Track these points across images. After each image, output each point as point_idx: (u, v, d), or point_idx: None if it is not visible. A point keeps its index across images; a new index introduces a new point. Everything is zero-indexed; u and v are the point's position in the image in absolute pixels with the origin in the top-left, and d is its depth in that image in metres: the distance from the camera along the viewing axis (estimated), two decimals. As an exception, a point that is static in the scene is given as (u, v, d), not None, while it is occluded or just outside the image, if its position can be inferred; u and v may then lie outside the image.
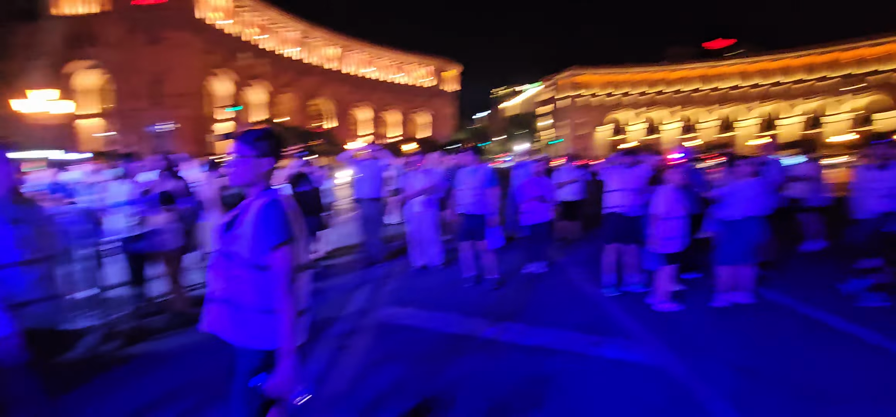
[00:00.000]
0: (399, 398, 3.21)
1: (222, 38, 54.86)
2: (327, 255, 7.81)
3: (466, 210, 5.74)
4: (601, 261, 5.74)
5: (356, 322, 4.70)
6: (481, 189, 5.57)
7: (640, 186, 5.45)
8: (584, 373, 3.53)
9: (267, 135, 1.90)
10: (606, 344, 4.03)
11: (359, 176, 6.80)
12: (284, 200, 1.84)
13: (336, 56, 74.53)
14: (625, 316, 4.73)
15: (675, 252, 4.83)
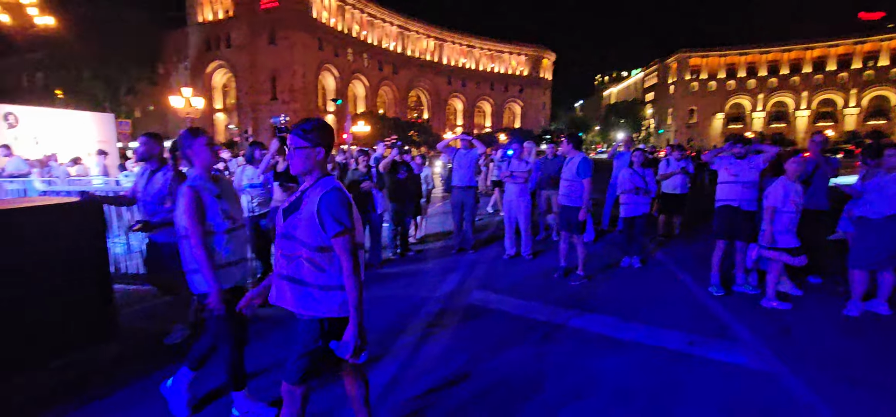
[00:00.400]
0: (483, 378, 3.35)
1: (331, 35, 58.91)
2: (422, 240, 8.22)
3: (564, 200, 5.68)
4: (711, 259, 5.33)
5: (447, 303, 4.93)
6: (577, 180, 5.47)
7: (754, 178, 4.98)
8: (676, 372, 3.38)
9: (318, 127, 2.03)
10: (705, 344, 3.80)
11: (453, 164, 7.02)
12: (342, 188, 2.01)
13: (433, 48, 76.33)
14: (730, 317, 4.39)
15: (789, 248, 4.38)
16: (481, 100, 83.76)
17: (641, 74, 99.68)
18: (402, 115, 66.58)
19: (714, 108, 78.82)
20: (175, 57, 56.75)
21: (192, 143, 2.51)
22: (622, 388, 3.16)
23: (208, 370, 2.97)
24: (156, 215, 3.59)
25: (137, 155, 3.81)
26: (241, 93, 56.05)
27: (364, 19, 65.23)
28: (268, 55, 54.17)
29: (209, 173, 2.61)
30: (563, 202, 5.72)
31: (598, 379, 3.28)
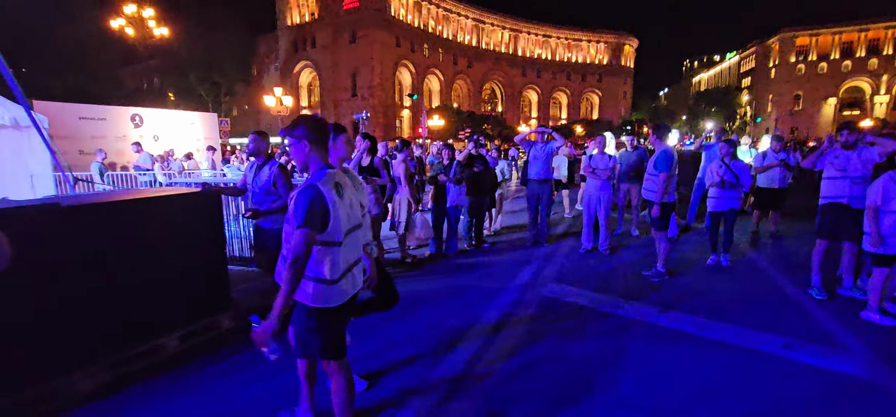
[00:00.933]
0: (559, 368, 3.40)
1: (407, 31, 60.41)
2: (497, 232, 8.33)
3: (645, 194, 5.51)
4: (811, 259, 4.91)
5: (521, 294, 5.01)
6: (656, 173, 5.29)
7: (865, 173, 4.51)
8: (768, 375, 3.21)
9: (302, 122, 2.17)
10: (804, 348, 3.55)
11: (529, 157, 7.04)
12: (316, 186, 2.08)
13: (508, 40, 75.50)
14: (834, 323, 4.05)
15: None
16: (557, 91, 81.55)
17: (736, 58, 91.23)
18: (476, 109, 66.76)
19: (824, 93, 70.32)
20: (266, 59, 61.38)
21: (335, 139, 2.71)
22: (708, 388, 3.07)
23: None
24: (262, 204, 4.06)
25: (248, 150, 4.31)
26: (324, 90, 59.39)
27: (439, 14, 66.09)
28: (348, 54, 56.82)
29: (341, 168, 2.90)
30: (644, 196, 5.56)
31: (680, 376, 3.21)
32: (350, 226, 2.28)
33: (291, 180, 4.26)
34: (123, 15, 23.24)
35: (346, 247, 2.25)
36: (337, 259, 2.20)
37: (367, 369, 3.34)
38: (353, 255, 2.35)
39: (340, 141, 2.67)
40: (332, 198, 2.12)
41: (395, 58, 58.79)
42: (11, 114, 9.36)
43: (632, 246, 7.17)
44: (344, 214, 2.19)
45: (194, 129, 15.98)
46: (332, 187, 2.14)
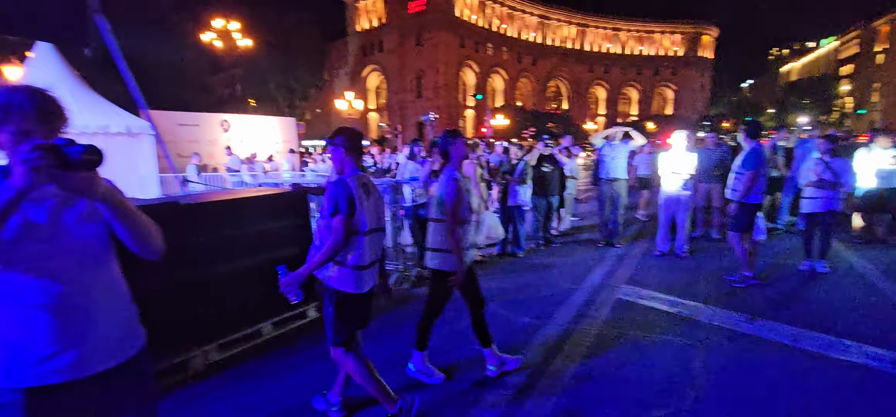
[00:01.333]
0: (637, 373, 3.33)
1: (471, 31, 60.65)
2: (565, 232, 8.21)
3: (729, 194, 5.20)
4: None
5: (593, 295, 4.93)
6: (742, 171, 4.98)
7: None
8: (880, 394, 2.94)
9: (337, 132, 2.62)
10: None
11: (603, 156, 6.87)
12: (345, 181, 2.48)
13: (574, 36, 73.49)
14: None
15: None
16: (627, 86, 78.14)
17: (834, 44, 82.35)
18: (540, 107, 65.65)
19: (947, 80, 61.70)
20: (337, 64, 64.24)
21: (453, 142, 3.05)
22: (808, 407, 2.87)
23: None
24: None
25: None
26: (390, 93, 61.16)
27: (504, 12, 65.69)
28: (414, 56, 58.09)
29: (461, 169, 3.15)
30: (728, 195, 5.26)
31: (774, 391, 3.03)
32: (372, 227, 2.59)
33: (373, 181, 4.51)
34: (213, 29, 25.40)
35: (370, 240, 2.59)
36: (364, 249, 2.54)
37: (441, 363, 3.46)
38: (374, 254, 2.67)
39: (459, 144, 3.06)
40: (359, 193, 2.49)
41: (459, 58, 59.27)
42: (126, 122, 10.58)
43: (712, 250, 6.79)
44: (368, 210, 2.55)
45: (274, 133, 17.15)
46: (359, 185, 2.52)
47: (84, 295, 1.41)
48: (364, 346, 3.35)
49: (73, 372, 1.38)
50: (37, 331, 1.34)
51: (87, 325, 1.41)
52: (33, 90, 1.34)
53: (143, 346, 1.60)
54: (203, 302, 3.42)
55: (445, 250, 3.04)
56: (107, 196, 1.33)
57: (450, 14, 56.96)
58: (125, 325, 1.55)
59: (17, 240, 1.29)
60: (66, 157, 1.18)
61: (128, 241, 1.43)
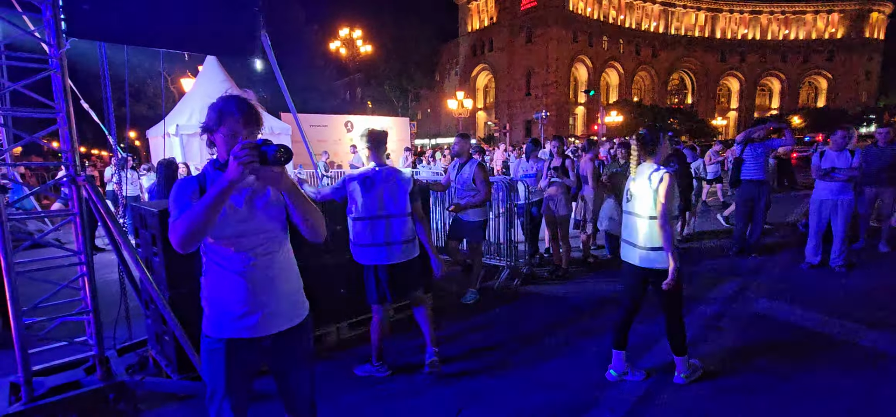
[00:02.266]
0: (776, 397, 3.00)
1: (585, 25, 58.17)
2: (689, 237, 7.57)
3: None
4: None
5: (725, 306, 4.51)
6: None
7: None
8: None
9: (365, 132, 3.24)
10: None
11: (745, 155, 6.21)
12: (353, 176, 3.15)
13: (703, 23, 66.63)
14: None
15: None
16: (767, 75, 68.70)
17: None
18: (661, 101, 60.75)
19: None
20: (448, 65, 66.05)
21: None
22: None
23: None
24: (464, 199, 4.52)
25: (452, 151, 4.85)
26: (499, 91, 61.18)
27: (622, 3, 61.90)
28: (524, 54, 57.40)
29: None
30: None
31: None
32: (370, 214, 3.09)
33: (489, 178, 4.63)
34: (339, 37, 27.78)
35: (369, 225, 3.10)
36: (358, 229, 3.12)
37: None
38: (373, 237, 3.11)
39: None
40: (354, 186, 3.11)
41: (570, 54, 57.23)
42: (269, 123, 12.10)
43: (878, 265, 5.78)
44: (368, 199, 3.07)
45: (390, 133, 18.26)
46: (362, 180, 3.09)
47: (268, 268, 1.71)
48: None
49: (258, 330, 1.69)
50: (235, 294, 1.66)
51: (270, 293, 1.71)
52: (240, 99, 1.66)
53: (308, 314, 1.88)
54: (339, 284, 3.83)
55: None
56: (290, 187, 1.60)
57: (563, 8, 55.19)
58: (296, 295, 1.84)
59: (224, 220, 1.60)
60: (265, 155, 1.44)
61: (301, 226, 1.69)
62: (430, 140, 47.62)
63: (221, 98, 1.66)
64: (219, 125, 1.62)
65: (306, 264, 2.01)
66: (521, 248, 6.12)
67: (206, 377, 1.75)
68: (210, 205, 1.43)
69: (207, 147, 1.69)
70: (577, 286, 5.40)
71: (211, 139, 1.66)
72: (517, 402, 3.02)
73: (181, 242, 1.45)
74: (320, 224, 1.71)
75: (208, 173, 1.66)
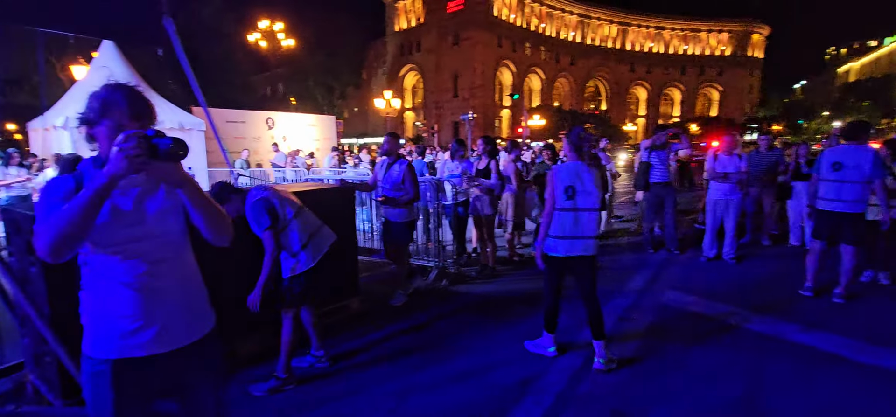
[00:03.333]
0: (681, 378, 3.25)
1: (509, 31, 60.21)
2: (603, 236, 8.04)
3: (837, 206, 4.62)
4: None
5: (637, 299, 4.83)
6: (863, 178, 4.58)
7: None
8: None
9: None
10: None
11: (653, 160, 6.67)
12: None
13: (615, 35, 71.71)
14: None
15: None
16: (669, 86, 75.62)
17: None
18: (579, 107, 64.46)
19: None
20: (375, 63, 65.21)
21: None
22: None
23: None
24: (388, 200, 4.44)
25: (381, 150, 4.74)
26: (427, 92, 61.54)
27: (543, 12, 64.87)
28: (451, 56, 58.20)
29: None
30: (832, 207, 4.66)
31: (838, 406, 2.89)
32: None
33: (418, 178, 4.58)
34: (259, 30, 26.33)
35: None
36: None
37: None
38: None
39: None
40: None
41: (496, 58, 58.97)
42: (179, 118, 11.12)
43: (761, 257, 6.51)
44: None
45: (313, 131, 17.60)
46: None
47: (164, 277, 1.51)
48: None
49: (152, 347, 1.49)
50: (122, 308, 1.45)
51: (165, 305, 1.51)
52: (129, 88, 1.45)
53: (214, 327, 1.70)
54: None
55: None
56: (188, 185, 1.43)
57: (488, 13, 56.72)
58: (199, 307, 1.65)
59: (107, 225, 1.39)
60: (156, 148, 1.27)
61: (202, 228, 1.52)
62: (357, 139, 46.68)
63: (106, 86, 1.45)
64: (101, 117, 1.41)
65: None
66: (449, 249, 6.14)
67: (89, 406, 1.52)
68: (85, 204, 1.24)
69: (87, 142, 1.47)
70: (504, 284, 5.52)
71: (91, 132, 1.44)
72: (446, 400, 3.00)
73: (50, 249, 1.24)
74: (225, 225, 1.56)
75: (87, 171, 1.44)
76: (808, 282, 4.81)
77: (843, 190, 4.54)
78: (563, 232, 3.30)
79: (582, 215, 3.29)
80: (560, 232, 3.31)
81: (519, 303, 4.80)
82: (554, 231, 3.33)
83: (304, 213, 3.21)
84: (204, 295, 1.68)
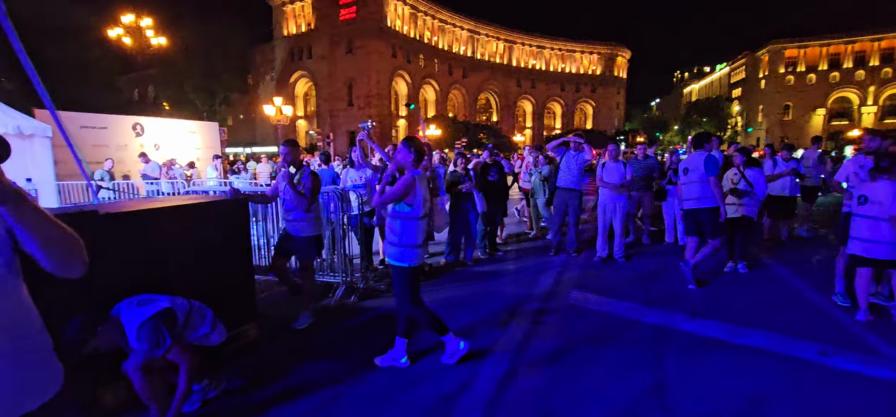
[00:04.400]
0: (598, 377, 3.38)
1: (403, 42, 60.66)
2: (505, 241, 8.31)
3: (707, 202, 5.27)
4: (835, 266, 4.97)
5: (545, 302, 4.99)
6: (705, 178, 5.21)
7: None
8: (812, 382, 3.20)
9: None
10: (838, 354, 3.56)
11: (560, 165, 6.98)
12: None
13: (502, 51, 76.09)
14: (862, 329, 4.06)
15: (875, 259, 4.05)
16: (551, 101, 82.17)
17: (726, 69, 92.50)
18: (472, 118, 67.03)
19: (813, 104, 71.31)
20: (262, 68, 61.28)
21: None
22: (759, 396, 3.03)
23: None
24: (293, 212, 4.03)
25: (282, 160, 4.29)
26: (320, 100, 59.29)
27: (435, 25, 66.47)
28: (345, 64, 56.85)
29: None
30: (688, 206, 5.43)
31: (728, 384, 3.18)
32: None
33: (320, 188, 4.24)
34: (122, 24, 23.14)
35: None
36: None
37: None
38: None
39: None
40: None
41: (391, 68, 58.92)
42: (15, 122, 9.25)
43: (646, 254, 7.19)
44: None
45: (194, 138, 15.90)
46: None
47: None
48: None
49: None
50: None
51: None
52: None
53: (62, 387, 1.29)
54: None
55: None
56: (12, 201, 1.06)
57: (381, 23, 56.54)
58: (34, 365, 1.23)
59: None
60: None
61: (38, 255, 1.14)
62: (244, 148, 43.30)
63: None
64: None
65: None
66: (356, 262, 5.82)
67: None
68: None
69: None
70: (415, 295, 5.36)
71: None
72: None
73: None
74: (73, 251, 1.19)
75: None
76: (689, 275, 5.39)
77: (692, 189, 5.24)
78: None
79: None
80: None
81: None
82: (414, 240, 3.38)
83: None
84: (44, 345, 1.27)
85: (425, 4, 64.21)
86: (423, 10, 64.36)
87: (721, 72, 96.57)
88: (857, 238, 4.24)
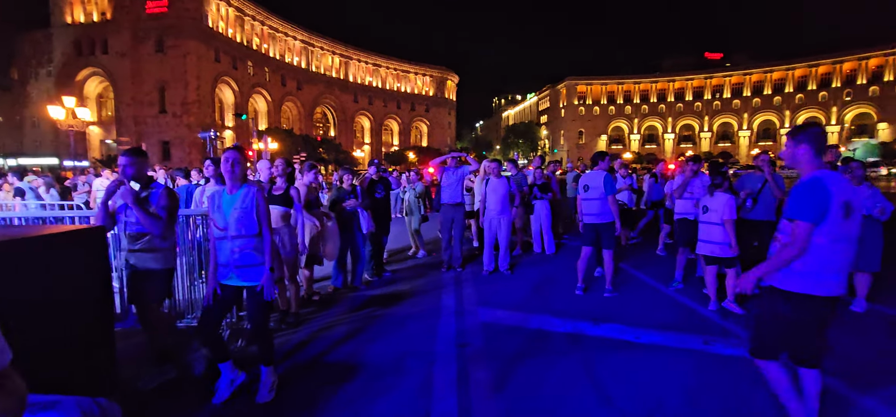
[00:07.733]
0: (546, 390, 3.38)
1: (228, 46, 55.03)
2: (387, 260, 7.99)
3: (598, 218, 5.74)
4: (676, 262, 6.00)
5: (458, 322, 4.86)
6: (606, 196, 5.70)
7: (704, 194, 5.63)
8: (706, 368, 3.72)
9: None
10: (716, 342, 4.23)
11: (442, 182, 6.96)
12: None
13: (338, 66, 74.91)
14: (718, 318, 4.92)
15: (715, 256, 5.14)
16: (388, 118, 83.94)
17: (535, 98, 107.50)
18: (309, 132, 64.16)
19: (598, 131, 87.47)
20: (34, 61, 48.78)
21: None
22: (685, 387, 3.37)
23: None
24: (143, 238, 3.19)
25: (127, 174, 3.30)
26: (120, 104, 49.73)
27: (265, 32, 62.01)
28: (154, 64, 48.89)
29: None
30: (589, 220, 5.82)
31: (659, 382, 3.46)
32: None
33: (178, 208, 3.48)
34: None
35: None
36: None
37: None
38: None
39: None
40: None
41: (214, 73, 52.73)
42: None
43: (524, 264, 7.64)
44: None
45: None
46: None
47: None
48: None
49: None
50: None
51: None
52: None
53: None
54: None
55: None
56: None
57: (201, 22, 50.34)
58: None
59: None
60: None
61: None
62: (8, 159, 33.54)
63: None
64: None
65: None
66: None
67: None
68: None
69: None
70: (311, 329, 4.71)
71: None
72: None
73: None
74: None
75: None
76: (579, 283, 5.88)
77: (592, 206, 5.78)
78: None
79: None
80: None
81: (338, 350, 4.15)
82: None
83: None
84: None
85: (253, 8, 59.57)
86: (251, 14, 59.59)
87: (531, 100, 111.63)
88: (703, 240, 5.18)
